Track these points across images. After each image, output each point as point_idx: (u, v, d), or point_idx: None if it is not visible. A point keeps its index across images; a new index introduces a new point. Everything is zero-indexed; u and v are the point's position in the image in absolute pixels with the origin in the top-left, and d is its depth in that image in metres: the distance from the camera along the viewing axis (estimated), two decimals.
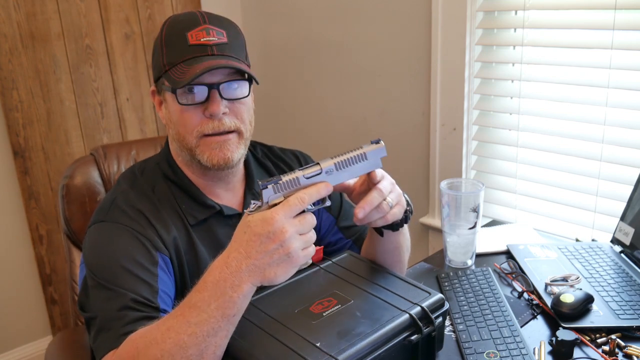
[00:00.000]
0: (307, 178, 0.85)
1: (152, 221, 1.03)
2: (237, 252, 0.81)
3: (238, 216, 1.12)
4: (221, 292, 0.80)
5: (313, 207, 0.87)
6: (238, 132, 1.05)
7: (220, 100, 1.01)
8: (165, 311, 0.95)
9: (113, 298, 0.93)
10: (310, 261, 0.85)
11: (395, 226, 1.04)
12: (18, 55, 1.97)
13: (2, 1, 1.90)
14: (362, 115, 2.08)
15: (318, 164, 0.87)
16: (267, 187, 0.82)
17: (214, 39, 1.02)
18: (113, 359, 0.87)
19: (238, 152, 1.06)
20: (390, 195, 0.96)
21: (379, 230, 1.06)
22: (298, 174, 0.85)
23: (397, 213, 0.98)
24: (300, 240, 0.81)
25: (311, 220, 0.83)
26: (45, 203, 2.12)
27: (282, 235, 0.79)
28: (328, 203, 0.91)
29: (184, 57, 1.01)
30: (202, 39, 1.01)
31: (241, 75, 1.03)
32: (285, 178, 0.83)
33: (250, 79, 1.05)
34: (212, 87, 1.00)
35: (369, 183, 0.95)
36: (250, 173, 1.18)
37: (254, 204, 0.83)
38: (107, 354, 0.88)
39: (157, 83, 1.07)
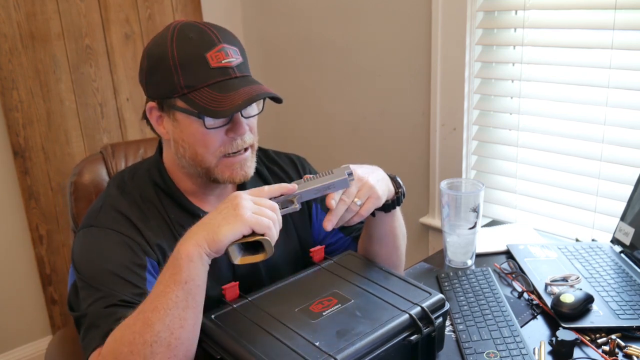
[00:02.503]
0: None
1: (139, 227, 1.03)
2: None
3: None
4: (172, 260, 0.86)
5: (282, 209, 0.93)
6: (252, 146, 1.08)
7: (243, 120, 1.03)
8: None
9: (102, 297, 0.94)
10: (273, 234, 0.89)
11: (385, 207, 1.07)
12: (18, 55, 1.97)
13: (2, 1, 1.90)
14: (362, 115, 2.08)
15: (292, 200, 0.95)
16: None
17: (232, 59, 1.01)
18: (98, 359, 0.88)
19: (253, 166, 1.09)
20: (358, 194, 0.99)
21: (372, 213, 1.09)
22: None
23: (370, 207, 1.01)
24: (251, 205, 0.87)
25: (267, 201, 0.90)
26: (45, 203, 2.12)
27: (234, 198, 0.88)
28: (298, 207, 0.95)
29: (208, 82, 0.98)
30: (222, 61, 0.99)
31: None
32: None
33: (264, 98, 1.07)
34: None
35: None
36: None
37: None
38: (95, 350, 0.89)
39: (164, 101, 1.03)
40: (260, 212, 0.87)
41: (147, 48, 1.06)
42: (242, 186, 1.17)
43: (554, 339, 1.05)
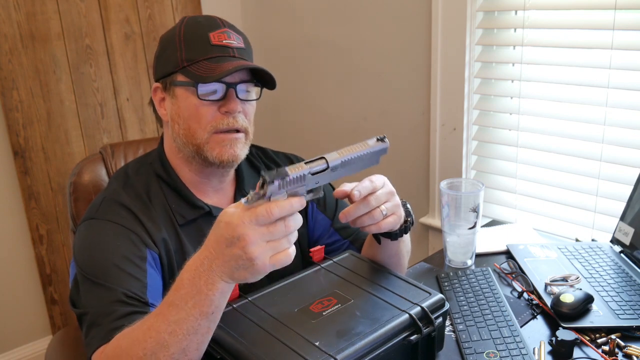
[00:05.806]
0: (313, 174, 0.83)
1: (141, 219, 1.04)
2: (207, 251, 0.79)
3: None
4: (197, 290, 0.79)
5: (306, 195, 0.84)
6: (245, 132, 1.09)
7: (238, 100, 1.06)
8: (154, 306, 0.96)
9: (103, 293, 0.94)
10: (292, 258, 0.80)
11: (393, 235, 1.04)
12: (18, 55, 1.97)
13: (2, 1, 1.90)
14: (362, 115, 2.08)
15: (324, 158, 0.85)
16: (273, 183, 0.77)
17: (234, 42, 1.07)
18: (101, 358, 0.87)
19: (244, 151, 1.10)
20: (385, 204, 0.97)
21: (377, 238, 1.08)
22: (304, 169, 0.81)
23: (391, 222, 0.98)
24: (265, 248, 0.76)
25: (281, 228, 0.77)
26: (45, 203, 2.12)
27: (243, 241, 0.75)
28: (321, 194, 0.88)
29: (207, 56, 1.04)
30: (223, 41, 1.06)
31: (253, 79, 1.09)
32: (292, 174, 0.79)
33: (261, 85, 1.11)
34: (230, 86, 1.05)
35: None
36: (240, 174, 1.20)
37: (253, 193, 0.78)
38: (97, 349, 0.89)
39: (167, 78, 1.08)
40: (277, 250, 0.77)
41: (161, 35, 1.13)
42: (239, 178, 1.19)
43: (553, 338, 1.05)
